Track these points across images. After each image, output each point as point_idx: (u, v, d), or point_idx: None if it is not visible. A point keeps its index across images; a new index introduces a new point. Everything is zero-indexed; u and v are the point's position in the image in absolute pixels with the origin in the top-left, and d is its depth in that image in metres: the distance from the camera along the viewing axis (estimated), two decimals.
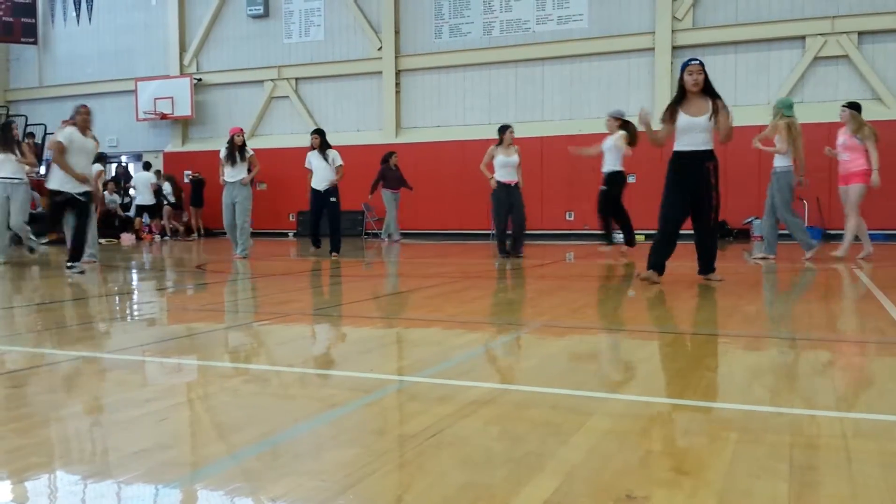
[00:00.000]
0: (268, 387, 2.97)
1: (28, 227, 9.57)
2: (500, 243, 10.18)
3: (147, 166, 19.38)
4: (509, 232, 10.17)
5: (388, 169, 14.92)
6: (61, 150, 8.05)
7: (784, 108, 8.79)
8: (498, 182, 9.88)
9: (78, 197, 8.19)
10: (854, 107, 9.01)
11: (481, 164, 10.08)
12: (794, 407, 2.55)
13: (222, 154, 10.32)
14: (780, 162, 8.80)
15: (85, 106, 8.46)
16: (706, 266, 6.53)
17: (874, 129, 8.96)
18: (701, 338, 4.06)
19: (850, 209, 8.97)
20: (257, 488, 1.80)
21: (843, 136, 9.03)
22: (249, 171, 10.38)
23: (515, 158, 9.86)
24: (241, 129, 10.53)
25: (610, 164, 9.48)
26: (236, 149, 10.23)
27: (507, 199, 9.89)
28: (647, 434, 2.22)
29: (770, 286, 6.82)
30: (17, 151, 9.35)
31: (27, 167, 9.55)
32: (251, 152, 10.46)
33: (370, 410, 2.57)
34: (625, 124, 9.44)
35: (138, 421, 2.38)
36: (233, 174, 10.27)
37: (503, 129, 9.91)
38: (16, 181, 9.25)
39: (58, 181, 8.19)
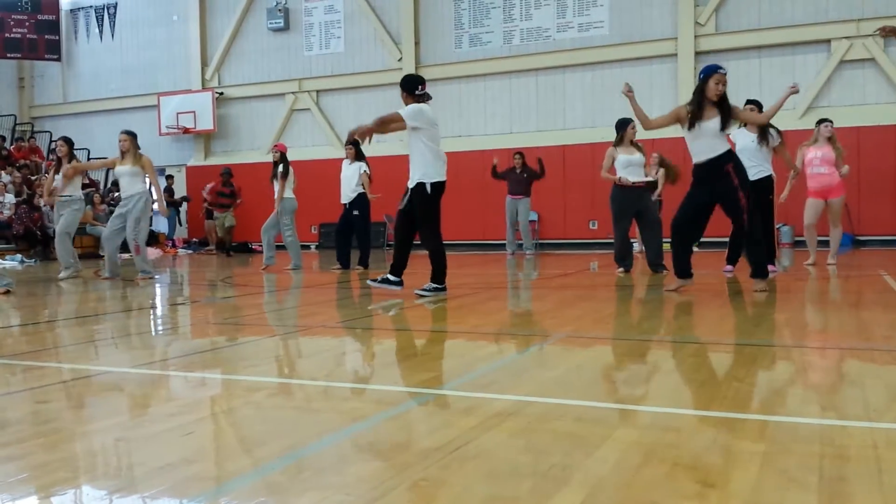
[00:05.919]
0: (292, 400, 2.97)
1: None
2: (619, 256, 8.58)
3: (169, 179, 19.79)
4: (634, 240, 9.02)
5: (511, 171, 13.23)
6: None
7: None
8: (621, 183, 8.54)
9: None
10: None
11: (602, 171, 8.85)
12: (824, 417, 2.51)
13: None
14: None
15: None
16: (752, 270, 6.39)
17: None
18: (727, 347, 4.01)
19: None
20: (281, 502, 1.80)
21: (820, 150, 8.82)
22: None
23: (639, 157, 8.59)
24: (276, 147, 10.75)
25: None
26: (274, 166, 10.57)
27: (634, 203, 8.59)
28: (674, 446, 2.19)
29: (795, 295, 6.74)
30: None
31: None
32: (282, 168, 10.47)
33: (394, 423, 2.56)
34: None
35: (164, 435, 2.40)
36: (276, 190, 10.57)
37: (622, 126, 8.68)
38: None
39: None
